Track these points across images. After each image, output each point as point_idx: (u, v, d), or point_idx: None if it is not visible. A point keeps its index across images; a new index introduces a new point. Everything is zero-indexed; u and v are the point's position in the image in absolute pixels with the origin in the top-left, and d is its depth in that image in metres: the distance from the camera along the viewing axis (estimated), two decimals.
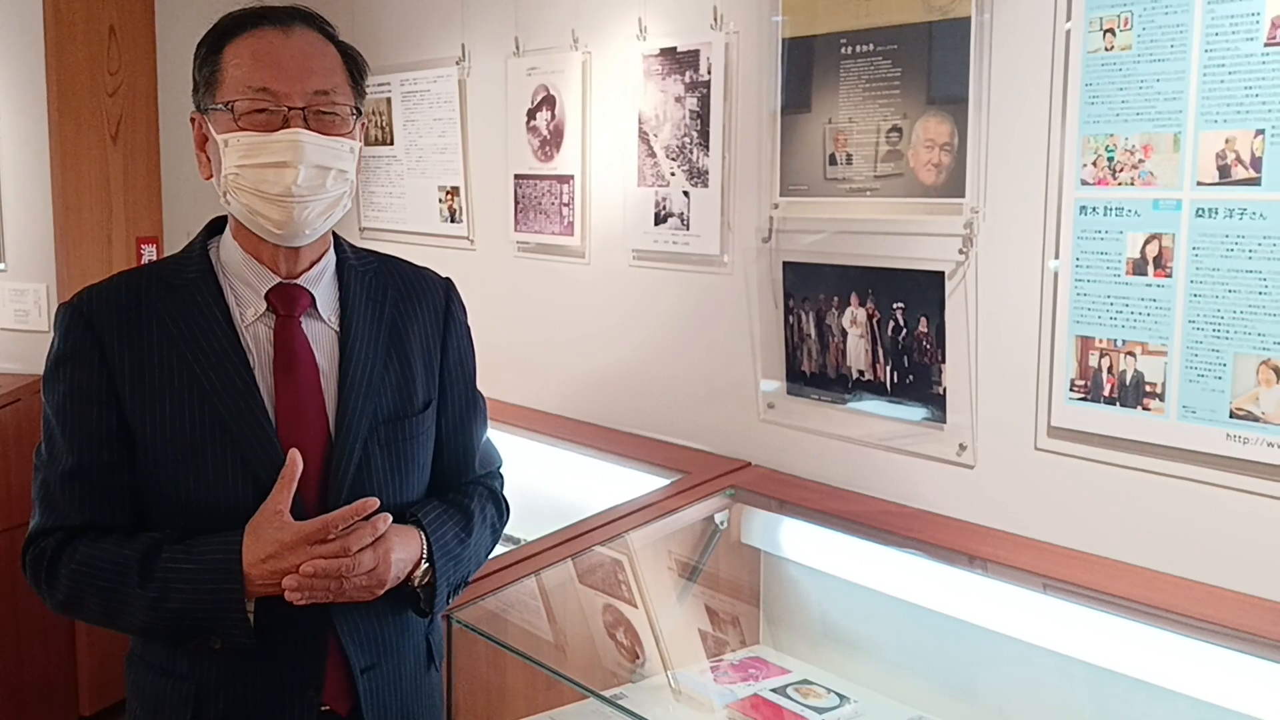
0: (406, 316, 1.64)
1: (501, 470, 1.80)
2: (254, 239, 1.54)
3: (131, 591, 1.44)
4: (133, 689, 1.59)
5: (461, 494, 1.68)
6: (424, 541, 1.55)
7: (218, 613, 1.43)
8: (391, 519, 1.50)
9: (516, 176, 3.10)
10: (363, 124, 1.58)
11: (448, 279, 1.74)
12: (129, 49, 3.57)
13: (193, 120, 1.56)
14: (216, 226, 1.61)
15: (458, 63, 3.26)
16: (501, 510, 1.75)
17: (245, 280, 1.55)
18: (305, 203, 1.49)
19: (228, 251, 1.57)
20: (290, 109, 1.47)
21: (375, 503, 1.47)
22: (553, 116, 2.97)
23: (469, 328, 1.73)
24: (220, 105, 1.49)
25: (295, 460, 1.46)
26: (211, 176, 1.54)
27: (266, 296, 1.54)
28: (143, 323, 1.50)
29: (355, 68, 1.57)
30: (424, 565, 1.55)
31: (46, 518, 1.50)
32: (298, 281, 1.56)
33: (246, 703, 1.51)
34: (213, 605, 1.43)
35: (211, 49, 1.52)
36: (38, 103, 3.40)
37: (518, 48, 3.07)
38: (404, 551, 1.51)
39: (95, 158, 3.50)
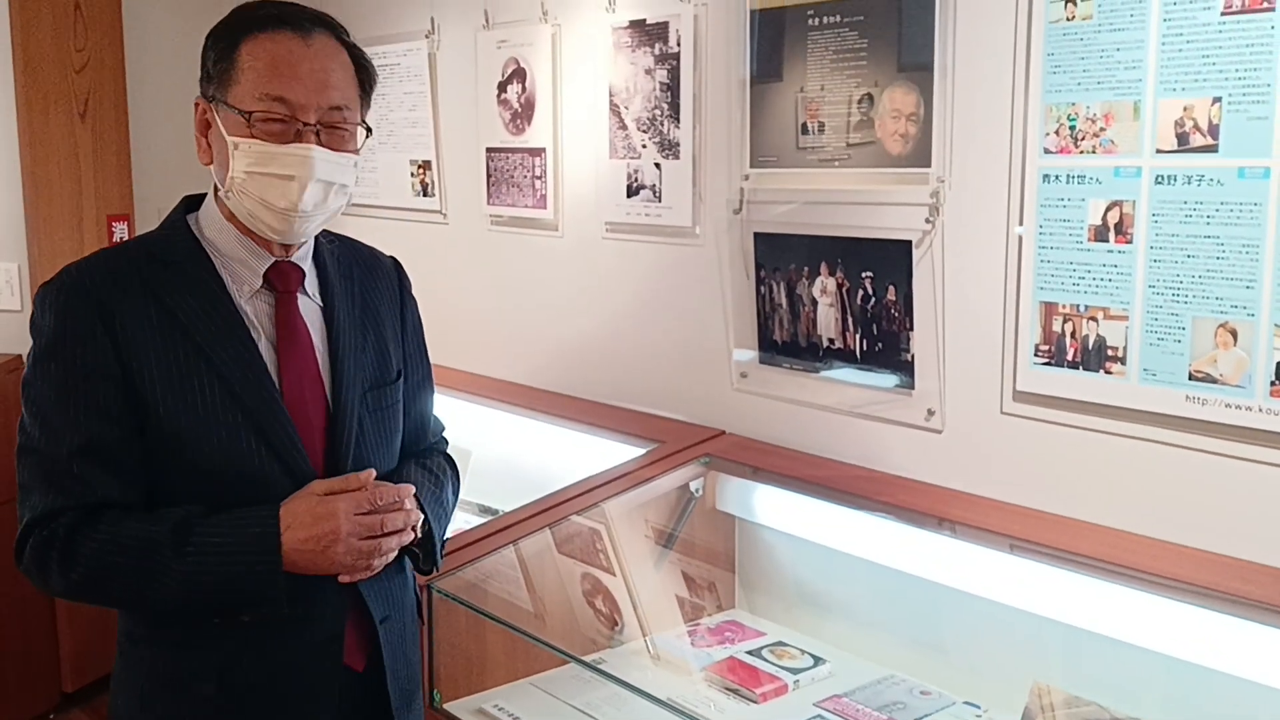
0: (371, 293, 1.70)
1: (445, 434, 1.88)
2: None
3: (165, 566, 1.44)
4: (139, 669, 1.58)
5: (423, 457, 1.76)
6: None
7: (256, 585, 1.47)
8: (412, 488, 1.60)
9: (488, 150, 3.10)
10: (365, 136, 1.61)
11: (393, 257, 1.80)
12: (95, 25, 3.53)
13: (196, 105, 1.55)
14: (191, 204, 1.62)
15: (427, 36, 3.25)
16: (456, 471, 1.83)
17: (239, 259, 1.56)
18: (307, 217, 1.53)
19: (216, 230, 1.57)
20: (304, 124, 1.49)
21: (373, 473, 1.55)
22: (523, 89, 2.97)
23: (416, 301, 1.80)
24: (235, 108, 1.49)
25: (370, 475, 1.54)
26: (211, 163, 1.56)
27: (265, 274, 1.57)
28: (138, 298, 1.49)
29: (367, 79, 1.59)
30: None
31: (54, 499, 1.46)
32: (292, 260, 1.60)
33: (272, 666, 1.54)
34: (251, 578, 1.46)
35: (228, 43, 1.51)
36: (4, 81, 3.36)
37: (487, 20, 3.07)
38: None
39: (64, 135, 3.47)
